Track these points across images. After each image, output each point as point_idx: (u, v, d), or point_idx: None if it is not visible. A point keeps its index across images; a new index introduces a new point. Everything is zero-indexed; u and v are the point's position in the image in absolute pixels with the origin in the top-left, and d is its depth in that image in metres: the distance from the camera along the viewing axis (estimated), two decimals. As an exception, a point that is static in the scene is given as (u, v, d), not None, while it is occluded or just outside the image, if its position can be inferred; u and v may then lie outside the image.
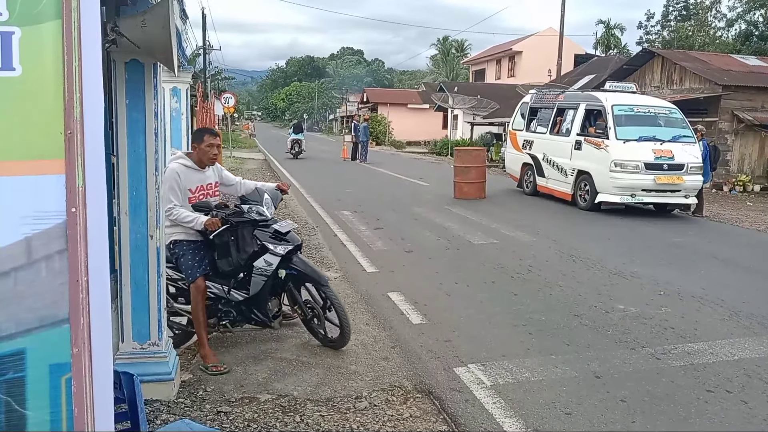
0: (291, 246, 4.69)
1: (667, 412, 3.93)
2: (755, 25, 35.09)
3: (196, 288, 4.54)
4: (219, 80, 52.02)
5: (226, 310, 4.77)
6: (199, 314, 4.56)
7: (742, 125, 19.15)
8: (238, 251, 4.58)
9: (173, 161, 4.69)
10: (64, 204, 1.44)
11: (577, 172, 13.27)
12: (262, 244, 4.60)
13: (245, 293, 4.69)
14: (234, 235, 4.56)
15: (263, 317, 4.76)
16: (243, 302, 4.72)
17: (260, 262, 4.59)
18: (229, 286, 4.72)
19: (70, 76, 1.42)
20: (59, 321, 1.45)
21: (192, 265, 4.57)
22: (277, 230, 4.68)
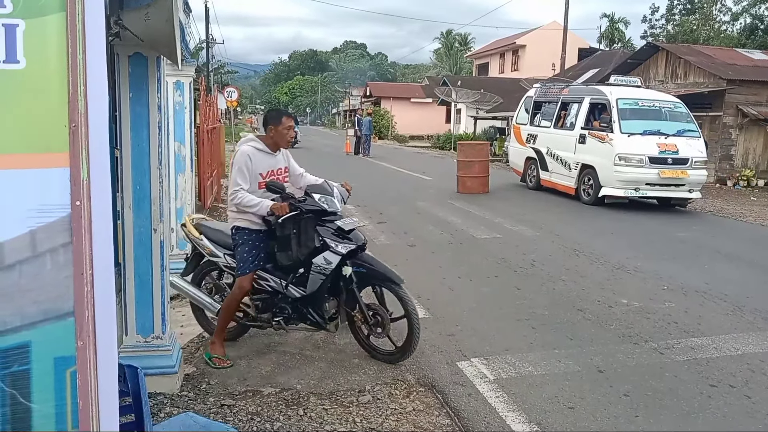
0: (353, 245, 4.39)
1: (670, 407, 3.93)
2: (760, 19, 34.91)
3: (242, 283, 4.38)
4: (222, 74, 51.97)
5: (281, 306, 4.55)
6: (232, 307, 4.46)
7: (746, 120, 19.07)
8: (299, 245, 4.35)
9: (245, 143, 4.48)
10: (69, 197, 1.44)
11: (581, 166, 13.24)
12: (323, 240, 4.36)
13: (303, 290, 4.47)
14: (296, 227, 4.34)
15: (318, 318, 4.49)
16: (299, 300, 4.50)
17: (319, 260, 4.35)
18: (287, 281, 4.49)
19: (75, 69, 1.42)
20: (64, 314, 1.46)
21: (246, 258, 4.39)
22: (341, 227, 4.40)
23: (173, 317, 5.21)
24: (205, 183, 10.78)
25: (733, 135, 19.27)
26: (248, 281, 4.41)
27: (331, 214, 4.40)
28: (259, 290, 4.59)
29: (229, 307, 4.48)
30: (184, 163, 6.25)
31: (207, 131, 11.15)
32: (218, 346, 4.51)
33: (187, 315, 5.51)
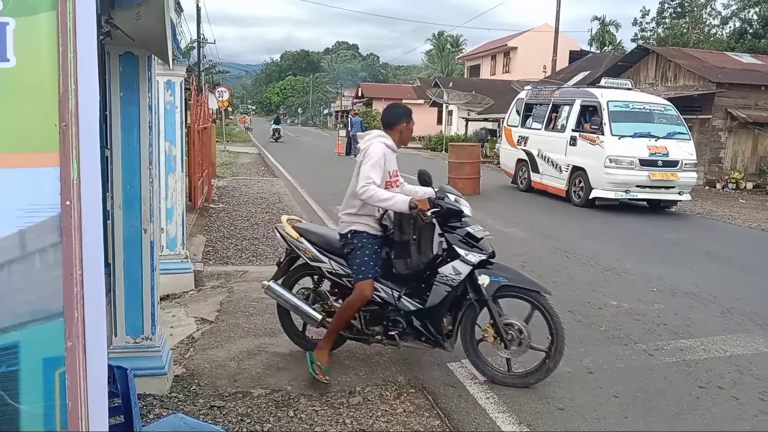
0: (485, 255, 4.06)
1: (659, 408, 3.95)
2: (749, 23, 35.18)
3: (362, 289, 4.05)
4: (213, 74, 51.81)
5: (394, 318, 4.20)
6: (350, 314, 4.15)
7: (735, 123, 19.23)
8: (419, 252, 4.03)
9: (377, 139, 4.16)
10: (59, 197, 1.43)
11: (572, 168, 13.30)
12: (449, 248, 4.04)
13: (419, 303, 4.13)
14: (417, 233, 4.03)
15: (436, 335, 4.14)
16: (415, 313, 4.16)
17: (447, 269, 4.02)
18: (399, 292, 4.17)
19: (65, 68, 1.41)
20: (53, 314, 1.45)
21: (367, 263, 4.07)
22: (471, 233, 4.08)
23: (163, 318, 5.19)
24: (195, 183, 10.74)
25: (723, 138, 19.42)
26: (370, 287, 4.08)
27: (463, 217, 4.11)
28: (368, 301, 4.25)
29: (347, 313, 4.15)
30: (175, 163, 6.22)
31: (198, 131, 11.11)
32: (325, 353, 4.18)
33: (176, 316, 5.49)
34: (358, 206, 4.12)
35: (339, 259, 4.29)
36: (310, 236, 4.47)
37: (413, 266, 4.06)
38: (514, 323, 4.11)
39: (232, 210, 11.35)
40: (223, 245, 8.34)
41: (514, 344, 4.11)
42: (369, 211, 4.14)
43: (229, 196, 13.32)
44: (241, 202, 12.45)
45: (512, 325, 4.11)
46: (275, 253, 7.92)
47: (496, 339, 4.13)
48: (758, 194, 18.28)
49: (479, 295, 4.07)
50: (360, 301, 4.09)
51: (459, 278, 4.02)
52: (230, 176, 17.52)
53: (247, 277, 6.77)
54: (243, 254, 7.87)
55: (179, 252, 6.38)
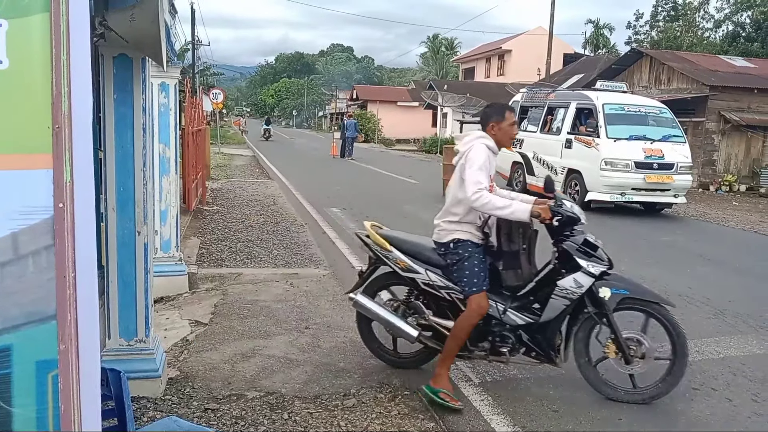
0: (606, 266, 3.86)
1: (652, 409, 3.96)
2: (742, 27, 35.39)
3: (478, 303, 3.81)
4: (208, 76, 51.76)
5: (502, 334, 3.96)
6: (465, 335, 3.88)
7: (728, 125, 19.33)
8: (529, 263, 3.87)
9: (479, 140, 3.92)
10: (52, 199, 1.43)
11: (567, 171, 13.32)
12: (568, 258, 3.83)
13: (529, 317, 3.92)
14: (527, 242, 3.86)
15: (549, 350, 3.92)
16: (524, 327, 3.93)
17: (568, 282, 3.80)
18: (505, 305, 3.93)
19: (58, 70, 1.41)
20: (46, 317, 1.44)
21: (477, 274, 3.83)
22: (588, 240, 3.87)
23: (157, 320, 5.18)
24: (189, 185, 10.72)
25: (716, 140, 19.52)
26: (485, 300, 3.83)
27: (577, 225, 3.91)
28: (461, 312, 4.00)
29: (464, 331, 3.86)
30: (169, 165, 6.21)
31: (192, 133, 11.09)
32: (445, 378, 3.93)
33: (170, 318, 5.47)
34: (461, 214, 3.92)
35: (435, 269, 4.03)
36: (401, 244, 4.21)
37: (525, 277, 3.87)
38: (637, 337, 3.92)
39: (226, 212, 11.33)
40: (218, 247, 8.32)
41: (637, 359, 3.92)
42: (472, 219, 3.95)
43: (224, 198, 13.30)
44: (236, 204, 12.43)
45: (634, 339, 3.92)
46: (269, 256, 7.92)
47: (617, 354, 3.93)
48: (751, 196, 18.37)
49: (599, 309, 3.86)
50: (477, 317, 3.84)
51: (580, 291, 3.80)
52: (225, 178, 17.49)
53: (242, 280, 6.76)
54: (237, 256, 7.85)
55: (173, 254, 6.37)
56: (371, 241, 4.28)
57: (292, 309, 5.77)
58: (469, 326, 3.86)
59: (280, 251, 8.20)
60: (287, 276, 6.94)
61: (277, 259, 7.78)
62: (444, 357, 3.97)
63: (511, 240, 3.86)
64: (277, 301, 6.01)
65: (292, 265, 7.54)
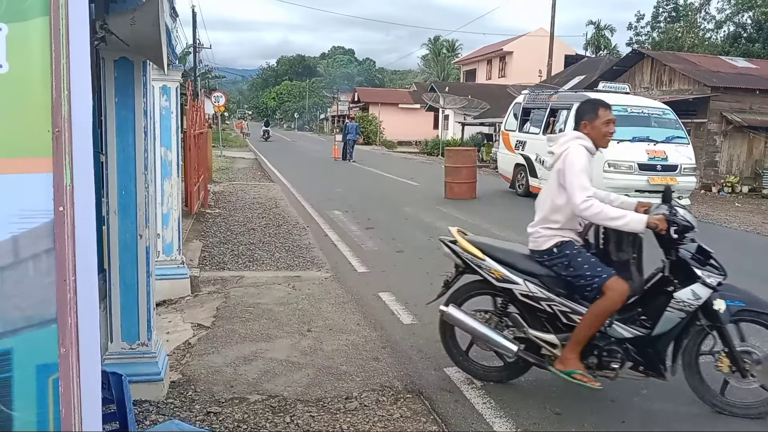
0: (722, 275, 3.66)
1: (656, 412, 3.95)
2: (743, 27, 35.37)
3: (612, 287, 3.59)
4: (209, 79, 51.86)
5: (609, 348, 3.77)
6: (600, 322, 3.67)
7: (730, 126, 19.29)
8: (639, 272, 3.69)
9: (575, 141, 3.77)
10: (52, 203, 1.43)
11: None
12: (684, 268, 3.65)
13: (637, 330, 3.73)
14: (637, 251, 3.69)
15: (659, 364, 3.74)
16: (632, 341, 3.75)
17: (686, 294, 3.60)
18: (610, 318, 3.77)
19: (58, 74, 1.41)
20: (47, 321, 1.44)
21: (597, 262, 3.67)
22: (702, 247, 3.71)
23: (159, 324, 5.17)
24: (191, 188, 10.73)
25: (718, 142, 19.49)
26: (620, 282, 3.61)
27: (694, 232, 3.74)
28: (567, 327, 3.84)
29: (602, 317, 3.66)
30: (171, 169, 6.22)
31: (194, 136, 11.11)
32: (577, 360, 3.76)
33: (173, 321, 5.47)
34: (562, 221, 3.78)
35: (533, 279, 3.84)
36: (493, 252, 4.01)
37: (635, 288, 3.69)
38: (751, 350, 3.73)
39: (228, 215, 11.34)
40: (220, 250, 8.32)
41: (753, 372, 3.70)
42: (573, 226, 3.84)
43: (226, 201, 13.31)
44: (238, 207, 12.44)
45: (749, 351, 3.72)
46: (271, 259, 7.92)
47: (731, 368, 3.74)
48: (754, 198, 18.34)
49: (713, 321, 3.69)
50: (620, 299, 3.61)
51: (697, 303, 3.62)
52: (227, 181, 17.51)
53: (244, 283, 6.75)
54: (239, 259, 7.85)
55: (175, 257, 6.37)
56: (459, 248, 4.09)
57: (294, 312, 5.77)
58: (609, 311, 3.65)
59: (282, 254, 8.20)
60: (289, 279, 6.94)
61: (279, 262, 7.78)
62: (575, 341, 3.74)
63: (620, 249, 3.70)
64: (279, 304, 6.01)
65: (294, 267, 7.54)
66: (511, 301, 4.03)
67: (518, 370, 4.18)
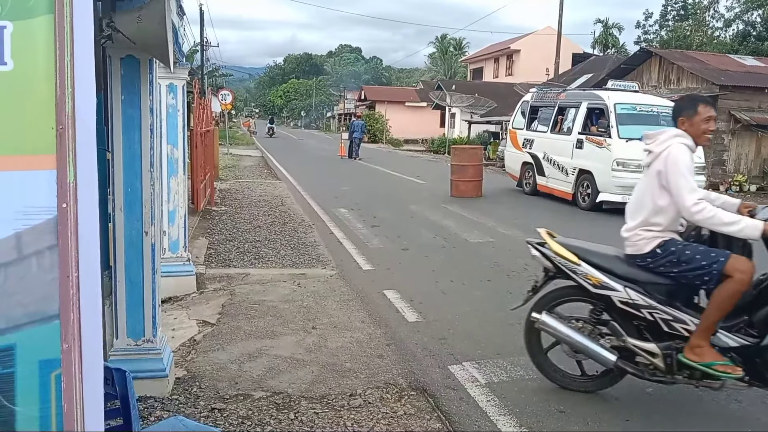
0: None
1: (660, 410, 3.94)
2: (753, 26, 35.16)
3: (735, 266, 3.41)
4: (216, 77, 51.94)
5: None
6: (731, 304, 3.44)
7: (738, 125, 19.18)
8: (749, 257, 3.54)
9: (676, 139, 3.61)
10: (55, 199, 1.44)
11: (579, 171, 13.15)
12: None
13: (744, 338, 3.52)
14: (748, 256, 3.53)
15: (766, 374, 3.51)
16: (738, 350, 3.53)
17: None
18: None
19: (62, 71, 1.42)
20: (49, 317, 1.45)
21: (707, 249, 3.52)
22: None
23: (164, 320, 5.20)
24: (198, 186, 10.76)
25: (726, 140, 19.38)
26: (742, 261, 3.45)
27: None
28: (662, 334, 3.68)
29: (730, 300, 3.45)
30: (177, 166, 6.24)
31: (200, 134, 11.14)
32: (710, 348, 3.53)
33: (178, 318, 5.50)
34: (664, 224, 3.65)
35: (633, 285, 3.68)
36: (590, 257, 3.82)
37: (746, 294, 3.50)
38: None
39: (234, 213, 11.37)
40: (225, 248, 8.35)
41: None
42: (675, 227, 3.72)
43: (232, 198, 13.34)
44: (244, 204, 12.47)
45: None
46: (276, 256, 7.94)
47: None
48: (762, 196, 18.23)
49: None
50: (748, 280, 3.43)
51: None
52: (233, 179, 17.55)
53: (249, 280, 6.78)
54: (245, 257, 7.87)
55: (181, 255, 6.39)
56: (550, 251, 3.90)
57: (299, 309, 5.78)
58: (738, 293, 3.43)
59: (288, 252, 8.22)
60: (294, 276, 6.96)
61: (285, 260, 7.79)
62: (703, 329, 3.53)
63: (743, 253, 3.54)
64: (284, 301, 6.02)
65: (299, 265, 7.55)
66: (606, 308, 3.85)
67: (608, 381, 4.02)
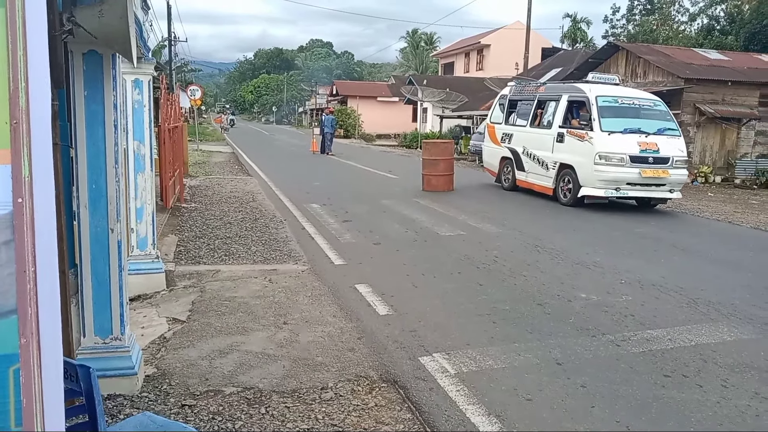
0: None
1: (625, 397, 4.03)
2: (717, 20, 35.84)
3: None
4: (185, 72, 51.28)
5: None
6: None
7: (703, 118, 19.57)
8: None
9: None
10: (11, 194, 1.43)
11: (559, 166, 12.89)
12: None
13: None
14: None
15: None
16: None
17: None
18: None
19: (15, 65, 1.40)
20: (7, 312, 1.44)
21: None
22: None
23: (133, 318, 5.16)
24: (166, 183, 10.65)
25: (691, 133, 19.75)
26: None
27: None
28: None
29: None
30: (144, 162, 6.17)
31: (169, 130, 11.01)
32: None
33: (148, 316, 5.45)
34: None
35: None
36: None
37: None
38: None
39: (204, 209, 11.28)
40: (195, 245, 8.29)
41: None
42: None
43: (202, 195, 13.23)
44: (214, 201, 12.38)
45: None
46: (247, 252, 7.91)
47: None
48: (726, 187, 18.66)
49: None
50: None
51: None
52: (203, 175, 17.38)
53: (219, 277, 6.74)
54: (215, 253, 7.83)
55: (150, 252, 6.33)
56: None
57: (270, 305, 5.78)
58: None
59: (259, 247, 8.19)
60: (266, 272, 6.94)
61: (256, 256, 7.77)
62: None
63: None
64: (255, 297, 6.01)
65: (270, 261, 7.54)
66: None
67: None
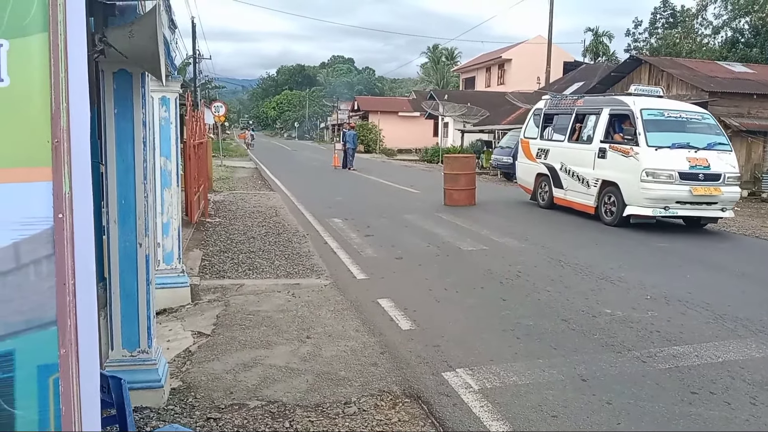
0: None
1: (651, 414, 3.99)
2: (741, 33, 35.47)
3: None
4: (209, 89, 52.04)
5: None
6: None
7: (729, 131, 19.31)
8: None
9: None
10: (52, 210, 1.49)
11: (602, 183, 12.11)
12: None
13: None
14: None
15: None
16: None
17: None
18: None
19: (57, 87, 1.47)
20: (47, 323, 1.50)
21: None
22: None
23: (159, 332, 5.23)
24: (192, 198, 10.79)
25: (716, 146, 19.52)
26: None
27: None
28: None
29: None
30: (170, 178, 6.28)
31: (194, 146, 11.18)
32: None
33: (173, 330, 5.52)
34: None
35: None
36: None
37: None
38: None
39: (228, 224, 11.39)
40: (220, 259, 8.37)
41: None
42: None
43: (226, 210, 13.37)
44: (238, 216, 12.50)
45: None
46: (271, 266, 7.97)
47: None
48: (753, 202, 18.37)
49: None
50: None
51: None
52: (227, 190, 17.58)
53: (243, 291, 6.80)
54: (239, 268, 7.90)
55: (175, 266, 6.42)
56: None
57: (293, 319, 5.82)
58: None
59: (282, 262, 8.25)
60: (289, 286, 6.99)
61: (279, 270, 7.83)
62: None
63: None
64: (278, 311, 6.06)
65: (293, 275, 7.59)
66: None
67: None
